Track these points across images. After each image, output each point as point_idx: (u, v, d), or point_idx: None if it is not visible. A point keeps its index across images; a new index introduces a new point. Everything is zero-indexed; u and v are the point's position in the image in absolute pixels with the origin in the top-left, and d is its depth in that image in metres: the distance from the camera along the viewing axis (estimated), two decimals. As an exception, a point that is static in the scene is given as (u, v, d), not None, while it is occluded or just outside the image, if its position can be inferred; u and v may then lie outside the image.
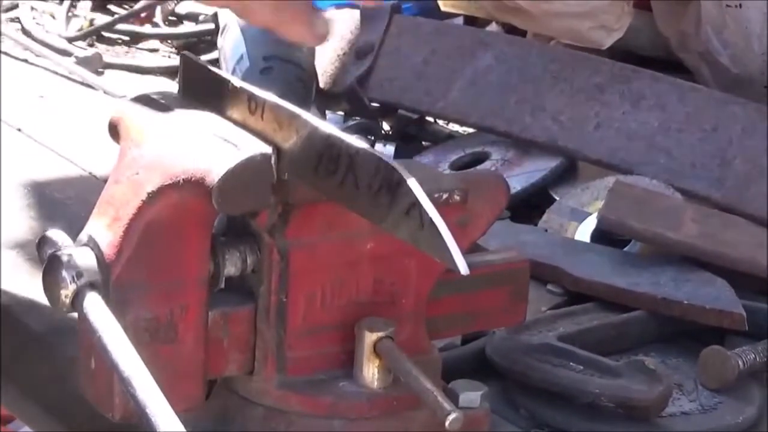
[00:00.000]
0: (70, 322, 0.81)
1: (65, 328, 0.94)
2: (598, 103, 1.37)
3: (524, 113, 1.40)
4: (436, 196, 0.82)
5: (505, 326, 0.99)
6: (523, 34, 1.60)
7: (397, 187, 0.70)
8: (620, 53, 1.52)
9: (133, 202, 0.78)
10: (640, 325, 1.08)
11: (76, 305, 0.77)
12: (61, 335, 0.99)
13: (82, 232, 0.81)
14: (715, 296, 1.08)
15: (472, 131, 1.50)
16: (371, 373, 0.82)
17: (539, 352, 0.98)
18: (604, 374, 0.96)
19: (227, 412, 0.85)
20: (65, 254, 0.78)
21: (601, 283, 1.11)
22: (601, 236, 1.21)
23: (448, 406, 0.77)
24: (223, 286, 0.82)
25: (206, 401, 0.84)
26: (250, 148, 0.78)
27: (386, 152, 1.43)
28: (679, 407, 0.98)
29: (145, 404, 0.73)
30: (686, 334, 1.08)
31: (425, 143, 1.53)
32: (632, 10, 1.51)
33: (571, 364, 0.97)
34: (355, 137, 0.74)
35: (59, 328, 1.00)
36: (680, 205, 1.21)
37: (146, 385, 0.74)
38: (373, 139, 1.48)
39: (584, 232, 1.23)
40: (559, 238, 1.23)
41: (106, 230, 0.78)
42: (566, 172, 1.37)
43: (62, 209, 1.27)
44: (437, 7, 1.66)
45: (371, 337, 0.82)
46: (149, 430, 0.73)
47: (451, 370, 0.90)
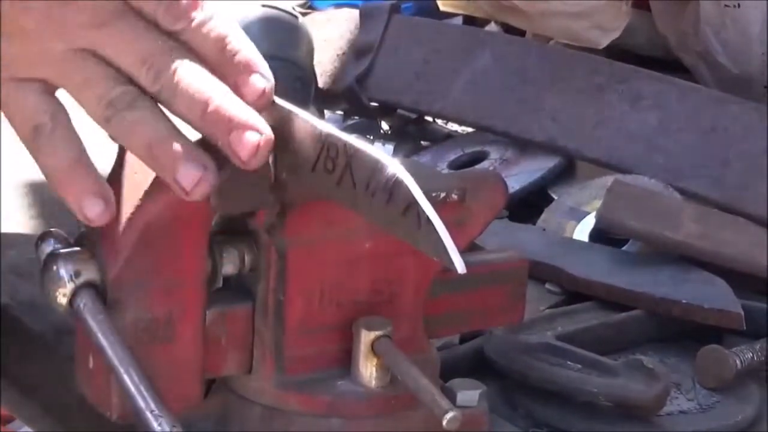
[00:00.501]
0: (69, 321, 0.81)
1: (65, 327, 0.94)
2: (597, 102, 1.37)
3: (523, 113, 1.40)
4: (433, 195, 0.82)
5: (503, 325, 0.99)
6: (522, 33, 1.60)
7: (394, 186, 0.70)
8: (619, 53, 1.52)
9: (130, 201, 0.78)
10: (638, 324, 1.08)
11: (74, 304, 0.77)
12: (60, 335, 0.99)
13: (80, 231, 0.81)
14: (713, 296, 1.08)
15: (470, 131, 1.51)
16: (369, 372, 0.82)
17: (537, 351, 0.98)
18: (602, 373, 0.96)
19: (225, 411, 0.85)
20: (63, 253, 0.78)
21: (599, 282, 1.11)
22: (599, 235, 1.21)
23: (445, 405, 0.76)
24: (221, 285, 0.82)
25: (204, 400, 0.84)
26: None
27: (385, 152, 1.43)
28: (677, 406, 0.98)
29: (142, 404, 0.73)
30: (684, 333, 1.08)
31: (424, 143, 1.53)
32: (630, 9, 1.51)
33: (569, 363, 0.97)
34: (353, 136, 0.74)
35: (59, 327, 1.00)
36: (679, 204, 1.21)
37: (144, 384, 0.74)
38: (371, 138, 1.48)
39: (583, 231, 1.23)
40: (557, 237, 1.23)
41: (104, 229, 0.78)
42: (565, 171, 1.37)
43: (61, 209, 1.26)
44: (436, 7, 1.66)
45: (369, 335, 0.82)
46: (146, 429, 0.73)
47: (449, 369, 0.90)
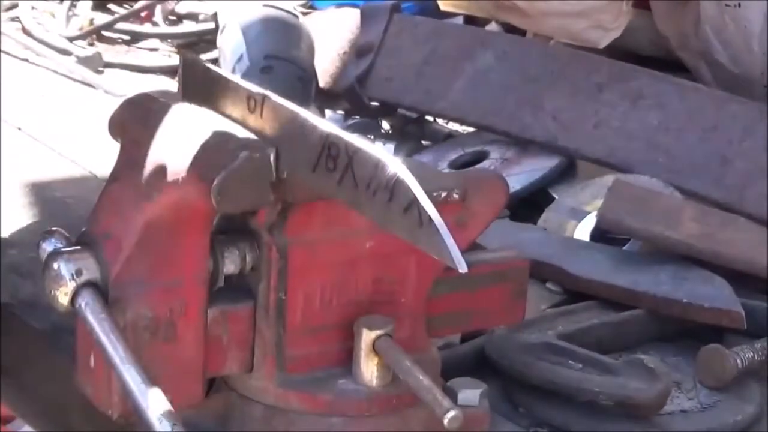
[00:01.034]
0: (70, 321, 0.81)
1: (65, 327, 0.94)
2: (597, 102, 1.37)
3: (524, 112, 1.40)
4: (435, 194, 0.82)
5: (504, 325, 0.99)
6: (522, 33, 1.60)
7: (396, 185, 0.70)
8: (620, 52, 1.52)
9: (132, 200, 0.78)
10: (639, 323, 1.08)
11: (75, 303, 0.77)
12: (61, 334, 0.99)
13: (82, 230, 0.81)
14: (714, 295, 1.08)
15: (471, 130, 1.50)
16: (370, 371, 0.82)
17: (538, 350, 0.98)
18: (603, 373, 0.96)
19: (227, 410, 0.85)
20: (65, 253, 0.79)
21: (600, 281, 1.11)
22: (600, 235, 1.21)
23: (446, 404, 0.77)
24: (222, 284, 0.82)
25: (205, 399, 0.84)
26: (249, 146, 0.78)
27: (386, 151, 1.43)
28: (678, 405, 0.98)
29: (143, 402, 0.73)
30: (685, 332, 1.08)
31: (425, 142, 1.53)
32: (630, 9, 1.51)
33: (570, 362, 0.97)
34: (354, 136, 0.74)
35: (59, 327, 1.00)
36: (679, 204, 1.21)
37: (145, 383, 0.74)
38: (372, 138, 1.48)
39: (583, 230, 1.23)
40: (558, 236, 1.23)
41: (105, 229, 0.78)
42: (565, 171, 1.37)
43: (62, 208, 1.27)
44: (437, 6, 1.66)
45: (370, 335, 0.82)
46: (148, 428, 0.73)
47: (450, 368, 0.90)
